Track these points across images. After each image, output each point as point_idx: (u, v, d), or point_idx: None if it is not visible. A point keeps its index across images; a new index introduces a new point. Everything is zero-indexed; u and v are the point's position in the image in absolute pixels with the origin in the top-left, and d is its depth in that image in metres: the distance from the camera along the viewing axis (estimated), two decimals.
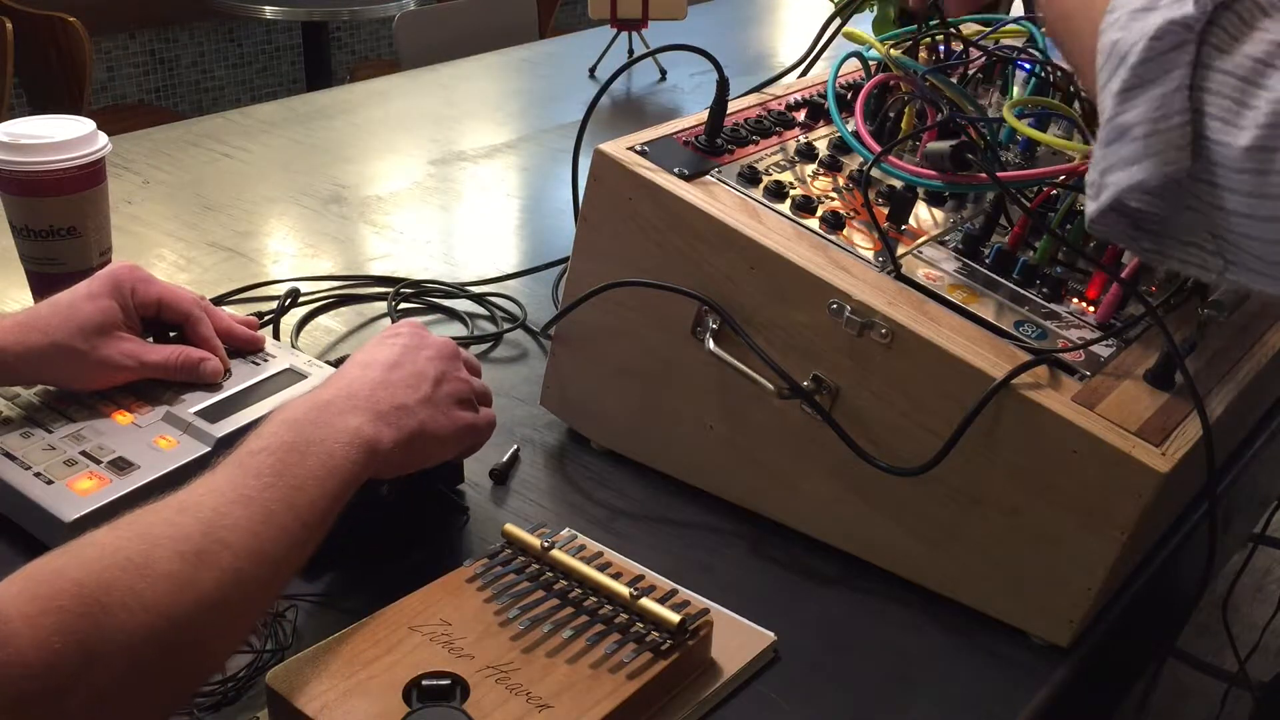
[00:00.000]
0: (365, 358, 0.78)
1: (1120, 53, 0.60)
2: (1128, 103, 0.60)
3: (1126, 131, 0.60)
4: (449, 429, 0.77)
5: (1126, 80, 0.60)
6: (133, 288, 0.88)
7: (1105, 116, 0.61)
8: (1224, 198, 0.57)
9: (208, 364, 0.89)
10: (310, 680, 0.65)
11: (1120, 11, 0.61)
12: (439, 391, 0.77)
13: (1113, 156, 0.61)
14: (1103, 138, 0.61)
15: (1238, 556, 1.28)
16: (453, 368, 0.80)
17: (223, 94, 4.05)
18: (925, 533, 0.79)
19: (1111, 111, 0.61)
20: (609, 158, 0.84)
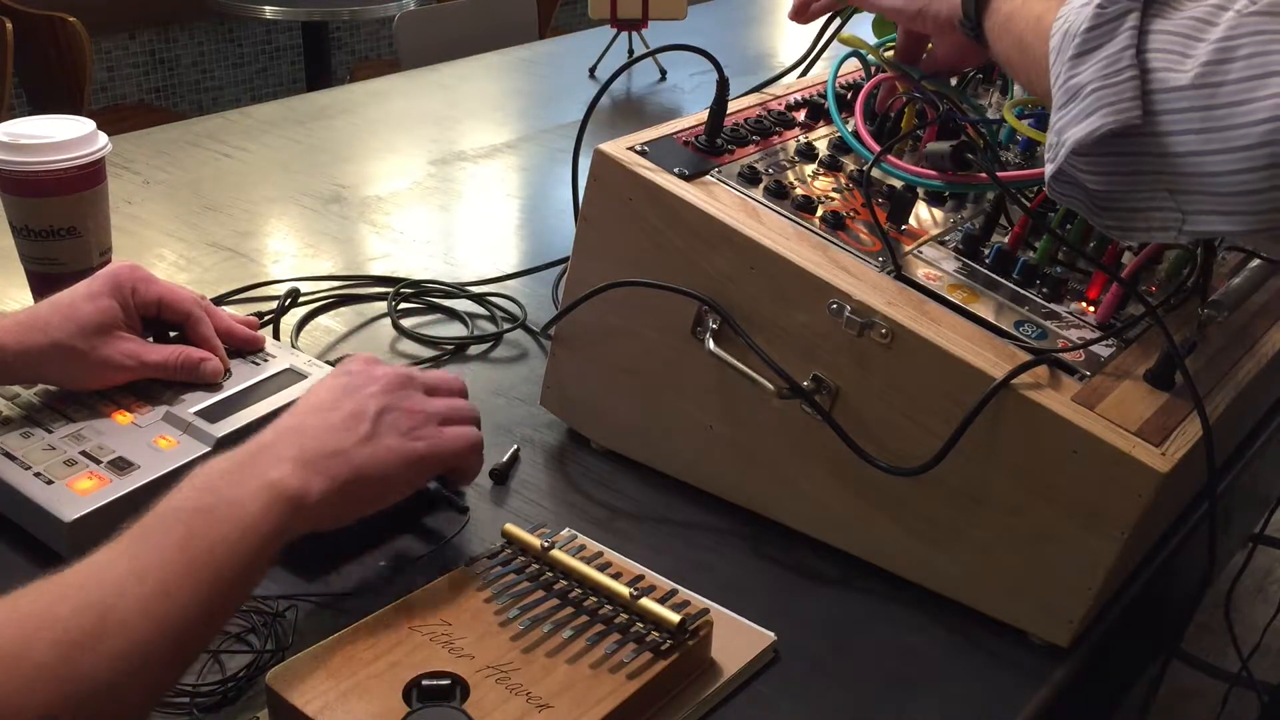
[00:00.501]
0: (306, 400, 0.74)
1: (1070, 33, 0.64)
2: (1078, 67, 0.63)
3: (1079, 91, 0.63)
4: (396, 465, 0.72)
5: (1078, 47, 0.63)
6: (133, 287, 0.88)
7: (1058, 85, 0.65)
8: (1174, 143, 0.61)
9: (208, 364, 0.89)
10: (310, 680, 0.65)
11: (1067, 10, 0.66)
12: (381, 427, 0.72)
13: (1067, 115, 0.64)
14: (1057, 102, 0.65)
15: (1238, 557, 1.28)
16: (400, 399, 0.75)
17: (223, 94, 4.05)
18: (925, 533, 0.79)
19: (1064, 78, 0.64)
20: (609, 158, 0.84)
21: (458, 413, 0.78)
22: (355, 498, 0.71)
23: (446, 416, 0.77)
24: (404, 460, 0.73)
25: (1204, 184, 0.61)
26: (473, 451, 0.78)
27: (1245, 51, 0.59)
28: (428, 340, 1.09)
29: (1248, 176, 0.59)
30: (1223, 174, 0.60)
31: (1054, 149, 0.66)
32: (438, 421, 0.76)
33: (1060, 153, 0.65)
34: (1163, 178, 0.63)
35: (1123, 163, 0.63)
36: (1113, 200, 0.65)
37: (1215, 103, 0.59)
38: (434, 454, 0.75)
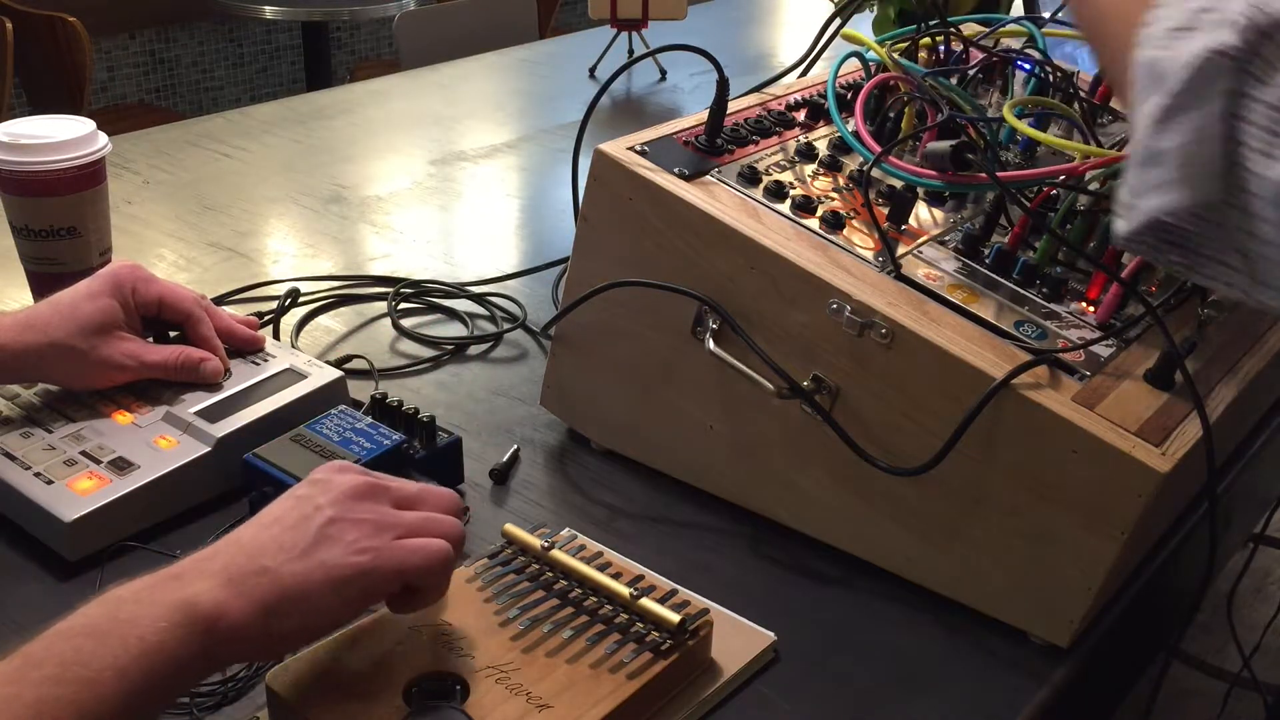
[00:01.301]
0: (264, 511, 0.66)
1: (1158, 73, 0.60)
2: (1164, 128, 0.59)
3: (1161, 156, 0.59)
4: (327, 584, 0.61)
5: (1164, 105, 0.59)
6: (133, 287, 0.88)
7: (1139, 137, 0.61)
8: (1256, 225, 0.57)
9: (208, 364, 0.89)
10: (310, 680, 0.65)
11: (1158, 26, 0.61)
12: (323, 540, 0.62)
13: (1146, 180, 0.60)
14: (1136, 158, 0.61)
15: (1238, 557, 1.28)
16: (355, 509, 0.64)
17: (223, 94, 4.05)
18: (925, 533, 0.79)
19: (1147, 135, 0.60)
20: (609, 158, 0.84)
21: (429, 526, 0.66)
22: (285, 622, 0.60)
23: (413, 530, 0.65)
24: (338, 579, 0.61)
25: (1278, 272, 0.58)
26: (433, 567, 0.65)
27: None
28: (428, 340, 1.09)
29: None
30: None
31: (1128, 210, 0.62)
32: (397, 535, 0.65)
33: (1135, 219, 0.61)
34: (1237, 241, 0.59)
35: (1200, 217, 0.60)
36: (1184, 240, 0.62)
37: None
38: (378, 570, 0.63)
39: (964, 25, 1.07)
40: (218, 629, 0.58)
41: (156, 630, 0.57)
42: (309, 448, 0.81)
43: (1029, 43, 1.08)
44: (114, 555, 0.79)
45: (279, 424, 0.86)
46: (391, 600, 0.66)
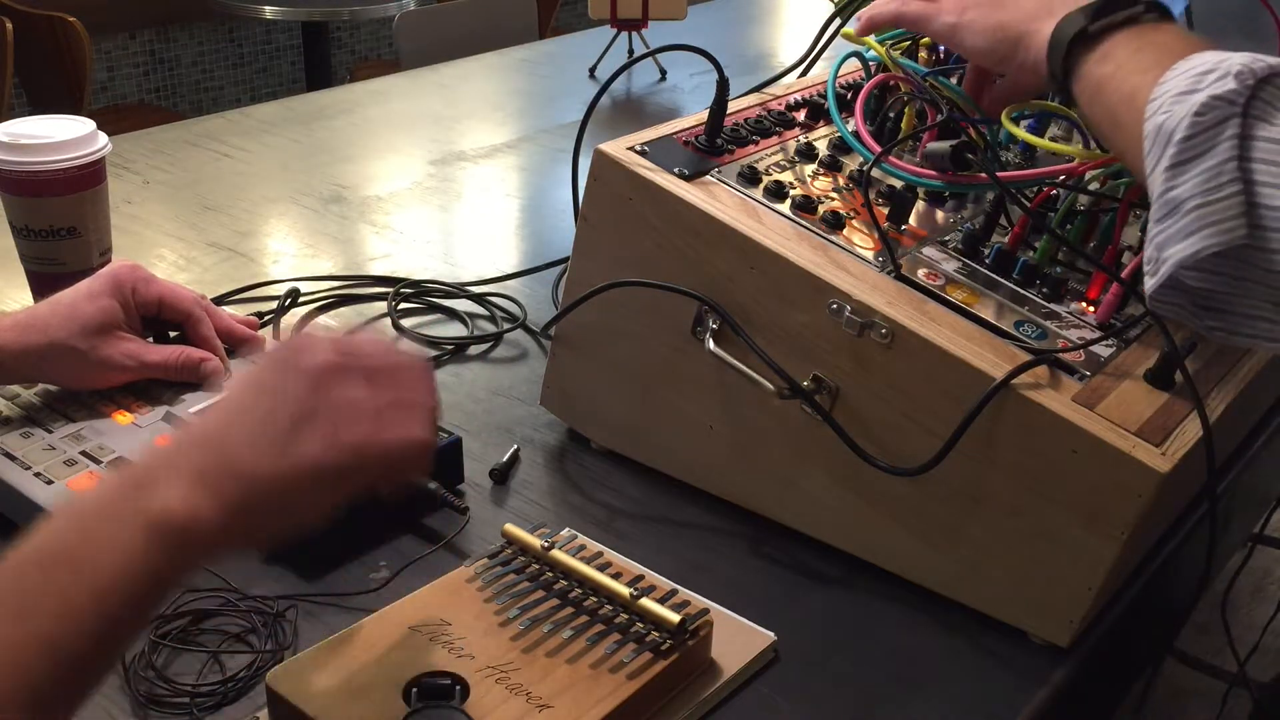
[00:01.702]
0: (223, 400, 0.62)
1: (1166, 132, 0.61)
2: (1178, 178, 0.60)
3: (1179, 206, 0.60)
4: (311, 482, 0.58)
5: (1174, 156, 0.60)
6: (133, 287, 0.88)
7: (1156, 193, 0.61)
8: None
9: (208, 364, 0.89)
10: (310, 680, 0.65)
11: (1163, 98, 0.62)
12: (299, 434, 0.58)
13: (1168, 231, 0.61)
14: (1155, 214, 0.62)
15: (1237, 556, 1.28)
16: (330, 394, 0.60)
17: (223, 94, 4.05)
18: (925, 533, 0.79)
19: (1162, 188, 0.61)
20: (609, 158, 0.84)
21: (405, 405, 0.62)
22: (262, 523, 0.58)
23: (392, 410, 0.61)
24: (317, 477, 0.59)
25: None
26: (414, 459, 0.62)
27: None
28: (428, 340, 1.09)
29: None
30: None
31: (1154, 264, 0.63)
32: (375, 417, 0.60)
33: (1162, 270, 0.62)
34: (1271, 291, 0.60)
35: (1228, 268, 0.61)
36: (1218, 303, 0.63)
37: None
38: (359, 466, 0.60)
39: None
40: (193, 538, 0.55)
41: (132, 551, 0.53)
42: None
43: None
44: None
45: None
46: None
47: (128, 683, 0.70)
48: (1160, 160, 0.62)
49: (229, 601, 0.76)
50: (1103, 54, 0.71)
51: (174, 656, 0.72)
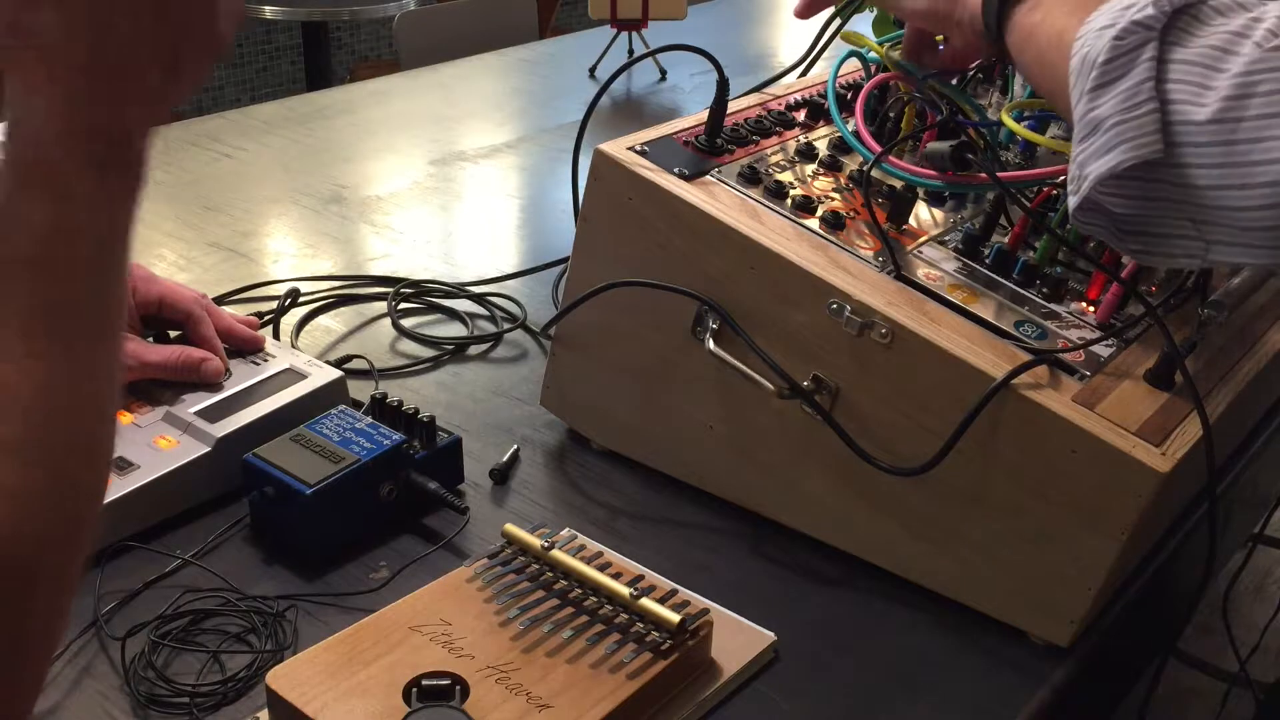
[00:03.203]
0: None
1: (1089, 61, 0.64)
2: (1098, 99, 0.63)
3: (1099, 124, 0.63)
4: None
5: (1096, 79, 0.63)
6: (134, 286, 0.88)
7: (1078, 115, 0.65)
8: (1195, 175, 0.61)
9: (208, 364, 0.89)
10: (310, 680, 0.65)
11: (1087, 34, 0.65)
12: None
13: (1088, 148, 0.64)
14: (1077, 134, 0.65)
15: (1237, 556, 1.28)
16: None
17: (223, 94, 4.05)
18: (925, 533, 0.79)
19: (1084, 109, 0.64)
20: (609, 158, 0.84)
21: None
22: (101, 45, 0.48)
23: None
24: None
25: (1225, 217, 0.61)
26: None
27: (1265, 89, 0.58)
28: (428, 340, 1.09)
29: (1268, 213, 0.59)
30: (1243, 209, 0.60)
31: (1076, 181, 0.66)
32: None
33: (1083, 186, 0.65)
34: (1185, 207, 0.63)
35: (1146, 189, 0.63)
36: (1137, 225, 0.65)
37: (1235, 139, 0.59)
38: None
39: None
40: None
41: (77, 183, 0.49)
42: (309, 448, 0.81)
43: None
44: (114, 555, 0.79)
45: (279, 424, 0.86)
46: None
47: (128, 683, 0.70)
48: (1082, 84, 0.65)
49: (229, 601, 0.76)
50: (1032, 3, 0.74)
51: (174, 656, 0.72)
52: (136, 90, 0.52)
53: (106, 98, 0.50)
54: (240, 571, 0.79)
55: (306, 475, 0.79)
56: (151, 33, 0.51)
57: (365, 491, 0.81)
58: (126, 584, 0.77)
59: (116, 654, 0.72)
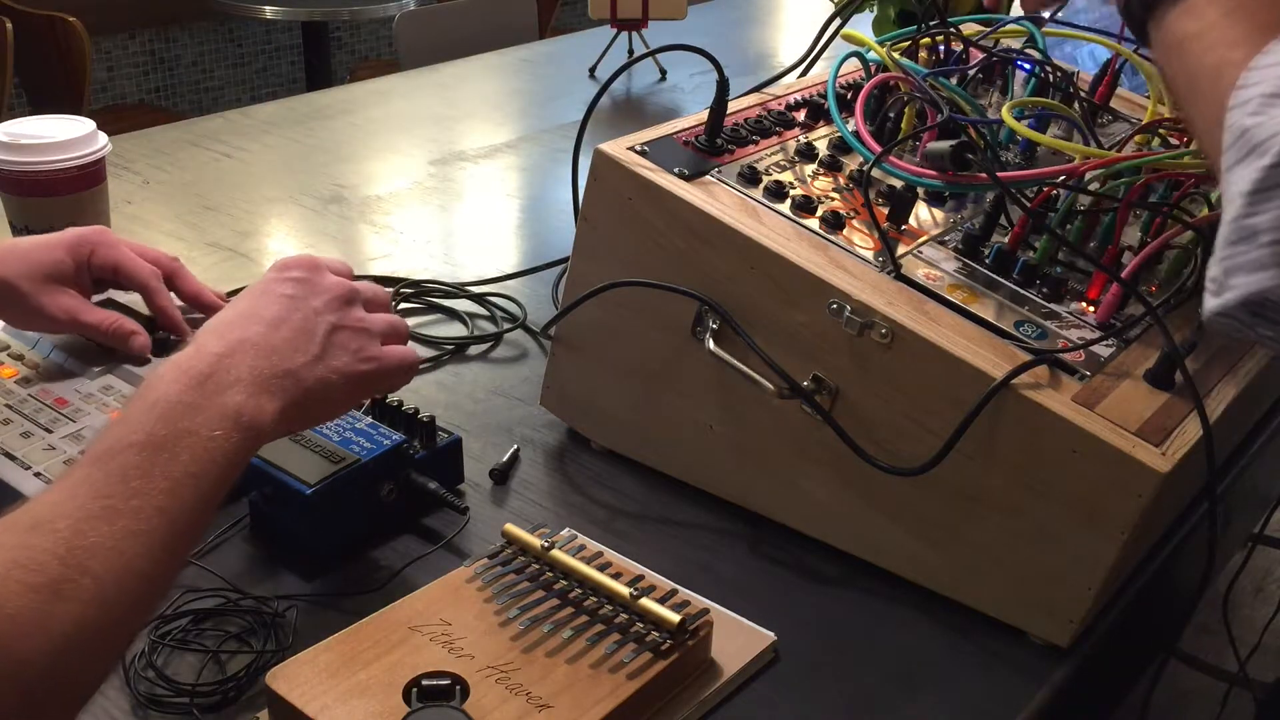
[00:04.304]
0: (248, 308, 0.71)
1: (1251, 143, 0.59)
2: (1258, 205, 0.58)
3: (1255, 235, 0.58)
4: (343, 385, 0.72)
5: (1257, 182, 0.58)
6: (93, 249, 0.89)
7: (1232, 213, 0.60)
8: None
9: (137, 338, 0.89)
10: (310, 680, 0.65)
11: (1252, 91, 0.60)
12: (331, 346, 0.71)
13: (1239, 258, 0.59)
14: (1227, 234, 0.60)
15: (1238, 556, 1.28)
16: (348, 314, 0.74)
17: (223, 94, 4.05)
18: (925, 533, 0.79)
19: (1240, 210, 0.59)
20: (609, 158, 0.84)
21: (395, 330, 0.77)
22: (306, 416, 0.71)
23: (386, 334, 0.76)
24: (352, 382, 0.72)
25: None
26: (413, 371, 0.78)
27: None
28: (428, 340, 1.09)
29: None
30: None
31: (1218, 285, 0.61)
32: (379, 340, 0.75)
33: (1227, 296, 0.60)
34: None
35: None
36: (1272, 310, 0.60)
37: None
38: (379, 375, 0.74)
39: (964, 25, 1.07)
40: (257, 430, 0.65)
41: (214, 439, 0.63)
42: (309, 448, 0.81)
43: (1029, 43, 1.08)
44: None
45: None
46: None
47: (128, 683, 0.70)
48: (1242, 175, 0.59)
49: (229, 601, 0.76)
50: (1188, 5, 0.66)
51: (174, 656, 0.72)
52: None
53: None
54: (240, 571, 0.79)
55: (306, 475, 0.79)
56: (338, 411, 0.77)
57: (365, 491, 0.81)
58: None
59: None
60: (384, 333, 0.76)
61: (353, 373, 0.72)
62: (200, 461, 0.62)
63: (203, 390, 0.64)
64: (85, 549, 0.55)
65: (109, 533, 0.56)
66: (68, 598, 0.54)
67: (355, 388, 0.73)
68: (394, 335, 0.77)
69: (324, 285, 0.74)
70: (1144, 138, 0.99)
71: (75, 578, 0.54)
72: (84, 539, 0.56)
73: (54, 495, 0.58)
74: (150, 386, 0.64)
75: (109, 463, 0.60)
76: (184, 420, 0.63)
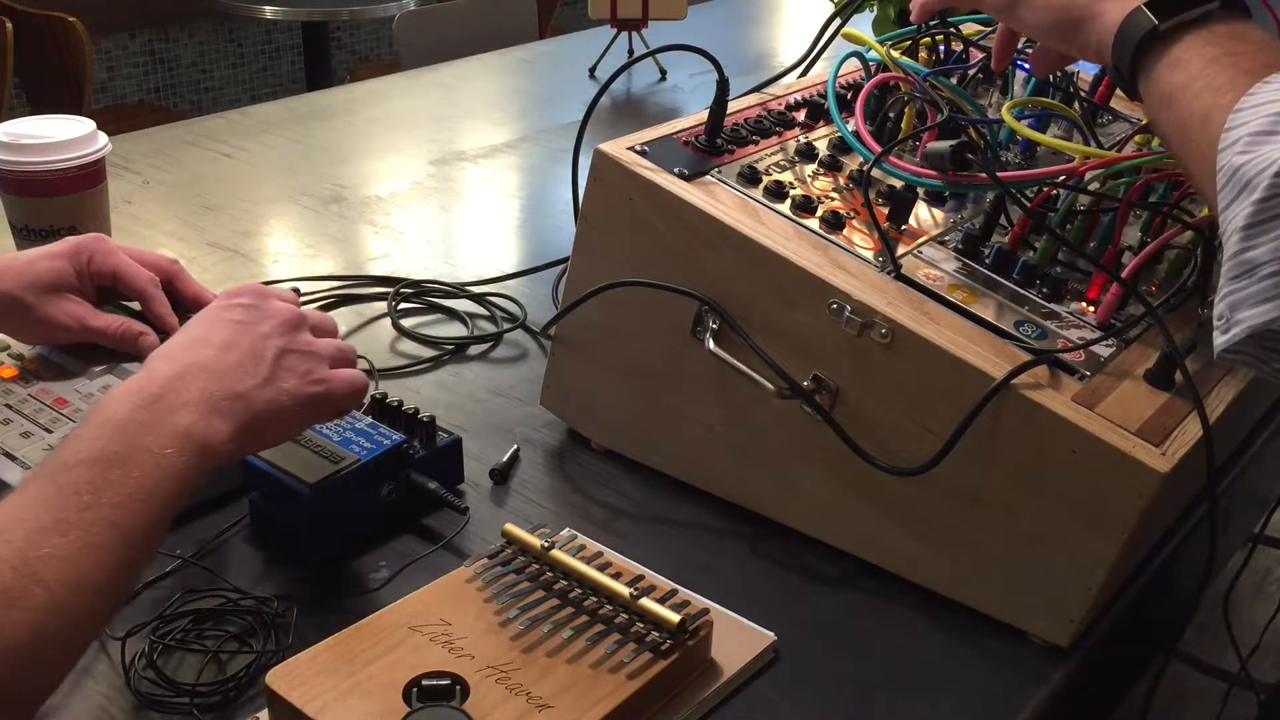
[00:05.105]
0: (198, 334, 0.72)
1: (1242, 180, 0.60)
2: (1255, 239, 0.59)
3: (1255, 268, 0.59)
4: (292, 407, 0.72)
5: (1251, 216, 0.59)
6: (90, 256, 0.89)
7: (1230, 251, 0.61)
8: None
9: (145, 338, 0.89)
10: (310, 680, 0.65)
11: (1240, 131, 0.61)
12: (280, 369, 0.72)
13: (1241, 292, 0.60)
14: (1229, 270, 0.61)
15: (1238, 556, 1.28)
16: (296, 339, 0.75)
17: (223, 94, 4.05)
18: (925, 533, 0.79)
19: (1237, 246, 0.60)
20: (609, 158, 0.84)
21: (343, 354, 0.78)
22: (257, 438, 0.71)
23: (334, 358, 0.77)
24: (302, 404, 0.73)
25: None
26: (361, 394, 0.78)
27: None
28: (428, 340, 1.09)
29: None
30: None
31: (1225, 322, 0.62)
32: (328, 363, 0.76)
33: (1233, 330, 0.61)
34: None
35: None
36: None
37: None
38: (328, 397, 0.75)
39: (964, 25, 1.07)
40: (209, 450, 0.67)
41: (166, 457, 0.64)
42: (309, 448, 0.81)
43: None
44: None
45: None
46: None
47: (128, 683, 0.70)
48: (1236, 211, 0.60)
49: (229, 601, 0.76)
50: (1174, 59, 0.68)
51: (174, 656, 0.72)
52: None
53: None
54: (240, 571, 0.79)
55: (306, 475, 0.79)
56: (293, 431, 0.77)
57: (365, 491, 0.81)
58: None
59: (116, 654, 0.72)
60: (332, 356, 0.76)
61: (302, 395, 0.73)
62: (152, 478, 0.63)
63: (154, 410, 0.66)
64: (38, 559, 0.57)
65: (61, 544, 0.58)
66: (21, 606, 0.55)
67: (305, 410, 0.73)
68: (341, 359, 0.78)
69: (271, 311, 0.75)
70: (1144, 138, 0.99)
71: (29, 587, 0.56)
72: (37, 550, 0.57)
73: (7, 508, 0.59)
74: (102, 406, 0.66)
75: (61, 477, 0.61)
76: (136, 438, 0.64)
